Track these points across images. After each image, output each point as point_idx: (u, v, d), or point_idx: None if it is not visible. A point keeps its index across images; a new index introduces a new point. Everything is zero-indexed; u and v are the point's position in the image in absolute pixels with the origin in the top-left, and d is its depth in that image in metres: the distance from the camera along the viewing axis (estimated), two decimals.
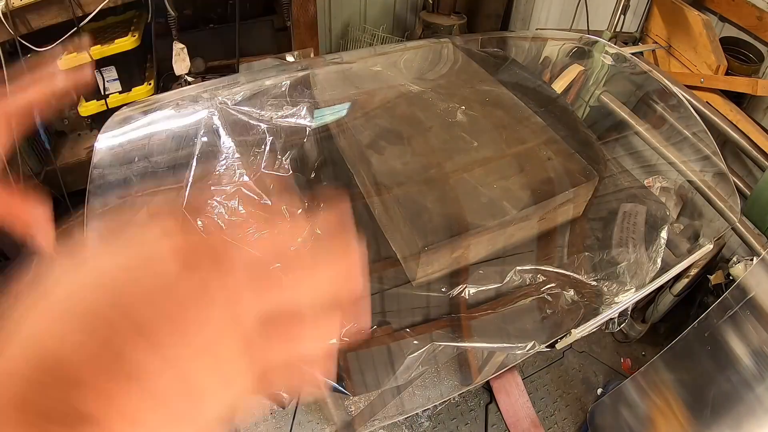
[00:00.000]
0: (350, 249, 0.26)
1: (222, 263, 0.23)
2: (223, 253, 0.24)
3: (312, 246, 0.26)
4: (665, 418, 1.28)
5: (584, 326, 0.84)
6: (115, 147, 0.95)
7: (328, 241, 0.27)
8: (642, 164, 1.37)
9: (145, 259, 0.21)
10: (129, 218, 0.25)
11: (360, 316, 0.28)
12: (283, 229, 0.26)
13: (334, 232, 0.27)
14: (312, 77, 1.13)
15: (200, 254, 0.22)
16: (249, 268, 0.24)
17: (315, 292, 0.26)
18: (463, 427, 1.66)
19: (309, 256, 0.26)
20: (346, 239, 0.27)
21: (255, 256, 0.25)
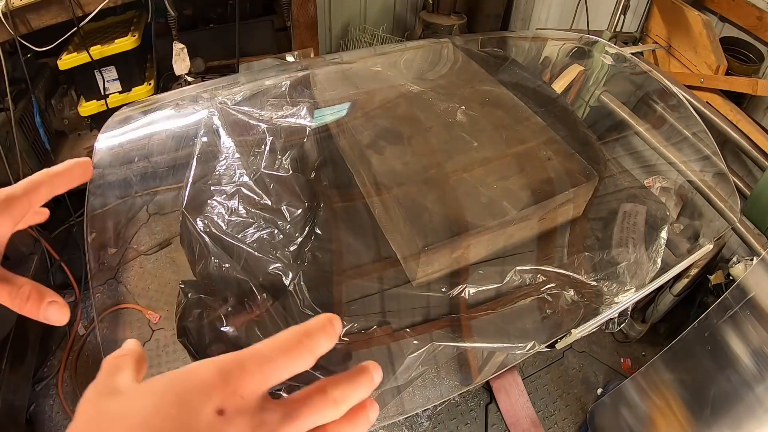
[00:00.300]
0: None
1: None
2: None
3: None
4: (665, 418, 1.28)
5: (584, 326, 0.84)
6: (115, 147, 0.95)
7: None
8: (642, 164, 1.37)
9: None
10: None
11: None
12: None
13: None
14: (312, 77, 1.13)
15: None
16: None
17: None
18: (463, 427, 1.66)
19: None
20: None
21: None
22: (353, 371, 0.31)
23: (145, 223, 1.84)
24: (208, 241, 0.80)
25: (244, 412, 0.25)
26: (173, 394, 0.25)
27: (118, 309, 1.81)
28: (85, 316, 1.84)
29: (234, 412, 0.25)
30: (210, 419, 0.24)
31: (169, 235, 1.95)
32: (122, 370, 0.30)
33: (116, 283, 1.86)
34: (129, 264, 1.91)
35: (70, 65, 1.65)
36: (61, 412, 1.62)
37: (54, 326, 1.79)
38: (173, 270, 1.92)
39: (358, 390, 0.30)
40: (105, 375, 0.29)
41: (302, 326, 0.29)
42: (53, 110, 1.88)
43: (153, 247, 1.94)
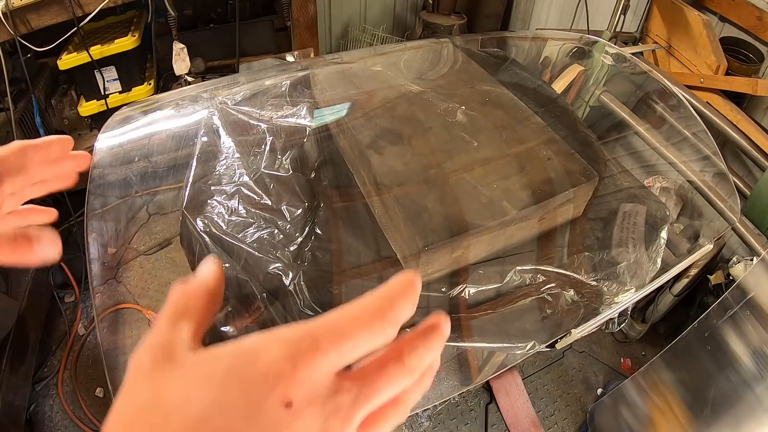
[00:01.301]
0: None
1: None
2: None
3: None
4: (665, 418, 1.28)
5: (584, 326, 0.84)
6: (115, 147, 0.95)
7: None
8: (642, 164, 1.37)
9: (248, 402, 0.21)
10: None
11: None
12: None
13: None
14: (312, 77, 1.13)
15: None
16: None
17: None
18: (463, 427, 1.66)
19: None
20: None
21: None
22: (424, 329, 0.27)
23: (145, 223, 1.84)
24: (208, 241, 0.80)
25: (315, 400, 0.22)
26: (237, 383, 0.21)
27: (118, 309, 1.81)
28: (85, 316, 1.85)
29: (304, 403, 0.22)
30: (276, 414, 0.21)
31: (169, 235, 1.95)
32: (186, 318, 0.25)
33: (116, 283, 1.86)
34: (129, 264, 1.91)
35: (70, 65, 1.65)
36: (61, 412, 1.62)
37: (54, 326, 1.80)
38: (173, 270, 1.93)
39: (432, 351, 0.27)
40: (167, 323, 0.25)
41: (382, 292, 0.26)
42: (53, 110, 1.88)
43: (153, 247, 1.94)
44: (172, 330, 0.25)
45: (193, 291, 0.27)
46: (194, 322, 0.26)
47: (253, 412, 0.21)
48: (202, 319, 0.26)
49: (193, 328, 0.25)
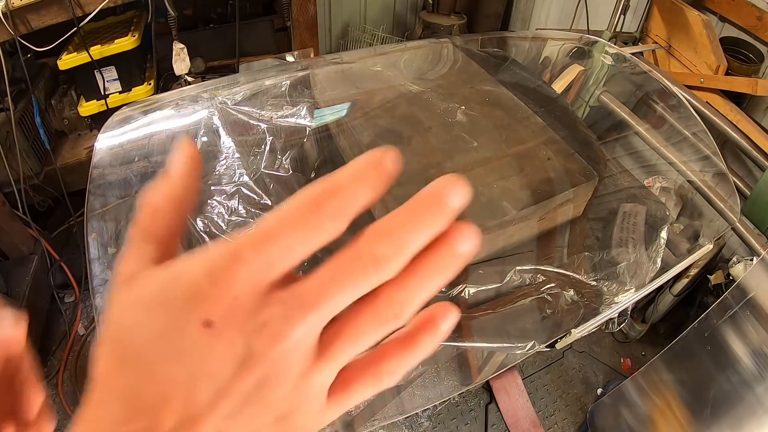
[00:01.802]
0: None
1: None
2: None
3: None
4: (665, 418, 1.28)
5: (584, 326, 0.84)
6: (115, 147, 0.95)
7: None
8: (642, 164, 1.37)
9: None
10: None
11: None
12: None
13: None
14: (312, 77, 1.13)
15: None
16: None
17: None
18: (463, 427, 1.66)
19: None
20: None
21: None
22: (411, 202, 0.22)
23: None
24: (208, 241, 0.80)
25: (234, 316, 0.19)
26: (163, 307, 0.20)
27: None
28: (85, 316, 1.85)
29: (222, 321, 0.19)
30: (196, 336, 0.19)
31: None
32: (149, 240, 0.23)
33: None
34: None
35: (70, 65, 1.65)
36: (61, 412, 1.62)
37: (54, 326, 1.80)
38: None
39: (417, 231, 0.21)
40: (134, 243, 0.23)
41: (327, 179, 0.21)
42: (53, 110, 1.88)
43: None
44: (135, 252, 0.23)
45: (155, 203, 0.24)
46: (155, 242, 0.23)
47: (174, 336, 0.20)
48: (167, 237, 0.24)
49: (154, 250, 0.23)
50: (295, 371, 0.21)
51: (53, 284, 1.82)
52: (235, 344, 0.19)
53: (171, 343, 0.20)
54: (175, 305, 0.20)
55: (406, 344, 0.23)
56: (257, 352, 0.20)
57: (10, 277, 1.65)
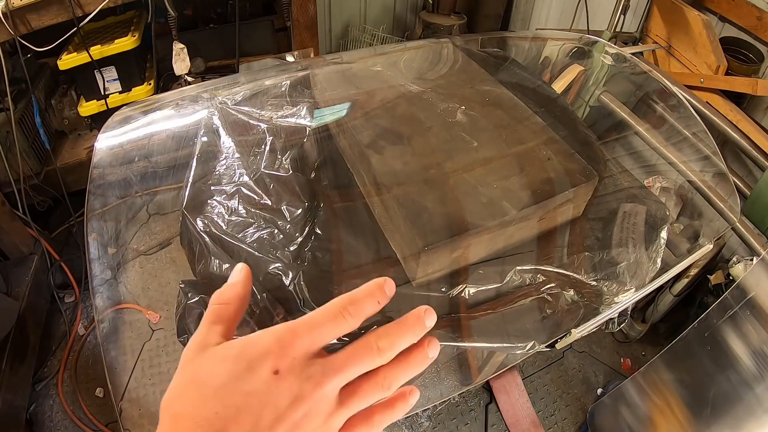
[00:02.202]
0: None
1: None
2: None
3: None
4: (665, 418, 1.28)
5: (584, 326, 0.84)
6: (115, 147, 0.95)
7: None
8: (642, 164, 1.37)
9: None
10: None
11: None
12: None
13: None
14: (312, 77, 1.13)
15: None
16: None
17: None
18: (463, 427, 1.66)
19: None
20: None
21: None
22: (403, 319, 0.36)
23: (145, 223, 1.84)
24: (208, 241, 0.80)
25: (293, 369, 0.32)
26: (243, 361, 0.32)
27: (118, 309, 1.81)
28: (85, 316, 1.85)
29: (286, 371, 0.31)
30: (267, 378, 0.31)
31: (169, 235, 1.95)
32: (219, 323, 0.36)
33: (116, 283, 1.86)
34: (129, 264, 1.91)
35: (70, 65, 1.65)
36: (61, 412, 1.62)
37: (54, 326, 1.80)
38: (173, 270, 1.92)
39: (405, 337, 0.35)
40: (205, 325, 0.36)
41: (349, 294, 0.35)
42: (53, 110, 1.88)
43: (153, 247, 1.94)
44: (208, 331, 0.36)
45: (225, 300, 0.38)
46: (224, 324, 0.36)
47: (253, 379, 0.31)
48: (231, 322, 0.37)
49: (222, 330, 0.36)
50: (325, 411, 0.33)
51: (53, 284, 1.82)
52: (293, 386, 0.31)
53: (248, 383, 0.31)
54: (254, 358, 0.32)
55: (387, 405, 0.36)
56: (305, 393, 0.31)
57: (10, 277, 1.65)
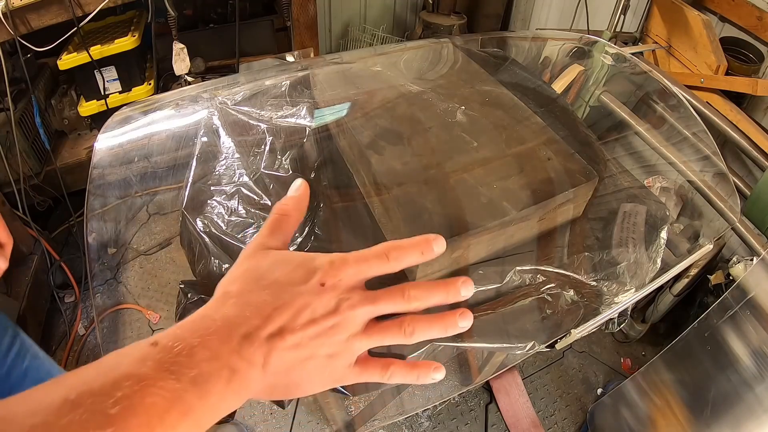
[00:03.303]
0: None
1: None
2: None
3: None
4: (665, 418, 1.28)
5: (584, 326, 0.84)
6: (114, 147, 0.95)
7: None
8: (642, 164, 1.37)
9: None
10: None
11: None
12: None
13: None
14: (312, 77, 1.13)
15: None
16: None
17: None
18: (463, 427, 1.66)
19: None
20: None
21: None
22: (441, 281, 0.40)
23: (145, 223, 1.83)
24: (208, 241, 0.80)
25: (336, 287, 0.37)
26: (301, 269, 0.37)
27: (118, 309, 1.81)
28: (85, 316, 1.85)
29: (330, 287, 0.37)
30: (315, 287, 0.36)
31: (169, 235, 1.95)
32: (280, 231, 0.42)
33: (116, 283, 1.86)
34: (129, 264, 1.91)
35: (70, 65, 1.65)
36: None
37: (54, 326, 1.80)
38: (173, 270, 1.93)
39: (435, 294, 0.39)
40: (267, 230, 0.42)
41: (397, 241, 0.39)
42: (53, 110, 1.88)
43: (153, 247, 1.95)
44: (268, 237, 0.41)
45: (284, 211, 0.43)
46: (282, 233, 0.42)
47: (304, 285, 0.37)
48: (288, 232, 0.43)
49: (281, 237, 0.42)
50: (350, 331, 0.37)
51: (53, 284, 1.82)
52: (332, 299, 0.37)
53: (299, 286, 0.36)
54: (309, 269, 0.37)
55: (409, 365, 0.41)
56: (340, 309, 0.37)
57: (10, 277, 1.65)
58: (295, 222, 0.44)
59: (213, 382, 0.31)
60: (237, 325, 0.33)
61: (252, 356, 0.33)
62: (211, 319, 0.34)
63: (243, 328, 0.33)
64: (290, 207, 0.44)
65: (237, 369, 0.32)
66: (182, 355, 0.30)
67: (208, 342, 0.32)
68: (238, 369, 0.32)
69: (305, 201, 0.45)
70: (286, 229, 0.43)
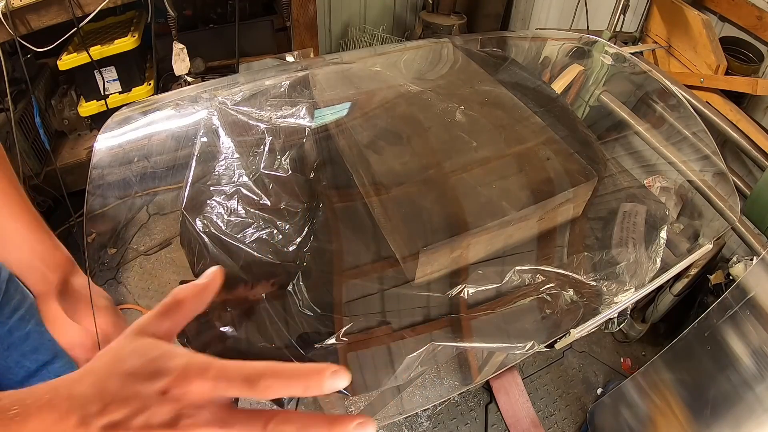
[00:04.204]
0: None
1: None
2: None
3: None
4: (665, 418, 1.28)
5: (583, 326, 0.84)
6: (114, 147, 0.95)
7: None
8: (642, 164, 1.37)
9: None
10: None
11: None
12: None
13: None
14: (311, 77, 1.13)
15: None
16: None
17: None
18: (463, 427, 1.66)
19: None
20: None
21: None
22: (313, 416, 0.34)
23: (145, 224, 1.84)
24: (208, 241, 0.80)
25: (180, 399, 0.33)
26: (152, 366, 0.34)
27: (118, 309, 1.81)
28: None
29: (172, 396, 0.33)
30: (156, 392, 0.33)
31: (169, 235, 1.95)
32: (168, 317, 0.39)
33: (116, 283, 1.86)
34: (129, 264, 1.91)
35: (70, 65, 1.65)
36: None
37: None
38: (173, 270, 1.93)
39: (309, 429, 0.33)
40: (154, 312, 0.39)
41: (281, 368, 0.34)
42: (53, 110, 1.88)
43: (153, 247, 1.95)
44: (151, 321, 0.38)
45: (179, 298, 0.40)
46: (170, 321, 0.39)
47: (147, 385, 0.33)
48: (177, 322, 0.40)
49: (166, 326, 0.39)
50: None
51: None
52: (170, 412, 0.33)
53: (142, 386, 0.33)
54: (159, 369, 0.34)
55: None
56: (179, 425, 0.32)
57: None
58: (189, 312, 0.41)
59: None
60: (79, 406, 0.33)
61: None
62: (58, 393, 0.34)
63: (81, 411, 0.33)
64: (187, 294, 0.40)
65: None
66: (15, 422, 0.31)
67: (44, 415, 0.32)
68: None
69: (211, 290, 0.42)
70: (176, 317, 0.40)
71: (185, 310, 0.40)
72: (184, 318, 0.40)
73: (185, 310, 0.40)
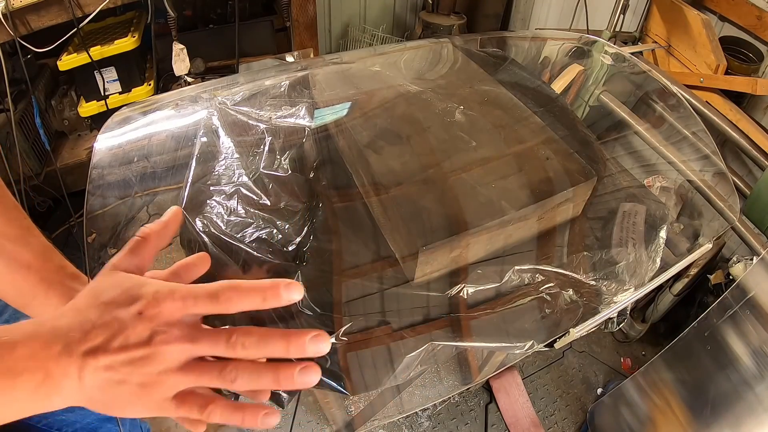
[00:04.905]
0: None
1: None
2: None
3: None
4: (665, 417, 1.28)
5: (583, 325, 0.84)
6: (114, 147, 0.95)
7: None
8: (642, 164, 1.37)
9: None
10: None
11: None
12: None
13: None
14: (311, 77, 1.13)
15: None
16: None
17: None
18: (463, 427, 1.66)
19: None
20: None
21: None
22: (285, 331, 0.38)
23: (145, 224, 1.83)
24: (208, 241, 0.80)
25: (154, 318, 0.37)
26: (127, 294, 0.38)
27: None
28: None
29: (147, 316, 0.37)
30: (132, 315, 0.37)
31: None
32: (135, 254, 0.44)
33: None
34: None
35: (70, 66, 1.65)
36: None
37: None
38: None
39: (270, 345, 0.37)
40: (123, 251, 0.44)
41: (239, 282, 0.38)
42: (53, 111, 1.88)
43: None
44: (122, 258, 0.43)
45: (143, 234, 0.45)
46: (137, 257, 0.44)
47: (123, 310, 0.37)
48: (144, 257, 0.44)
49: (135, 262, 0.43)
50: (162, 366, 0.37)
51: None
52: (145, 330, 0.36)
53: (119, 311, 0.37)
54: (133, 296, 0.38)
55: (234, 407, 0.40)
56: (153, 341, 0.36)
57: None
58: (154, 247, 0.45)
59: (25, 378, 0.34)
60: (62, 335, 0.36)
61: (67, 367, 0.35)
62: (43, 325, 0.36)
63: (65, 339, 0.35)
64: (151, 231, 0.45)
65: (52, 374, 0.35)
66: (4, 347, 0.34)
67: (30, 343, 0.35)
68: (53, 375, 0.35)
69: (172, 228, 0.47)
70: (143, 253, 0.44)
71: (150, 245, 0.45)
72: (150, 253, 0.45)
73: (150, 246, 0.45)
